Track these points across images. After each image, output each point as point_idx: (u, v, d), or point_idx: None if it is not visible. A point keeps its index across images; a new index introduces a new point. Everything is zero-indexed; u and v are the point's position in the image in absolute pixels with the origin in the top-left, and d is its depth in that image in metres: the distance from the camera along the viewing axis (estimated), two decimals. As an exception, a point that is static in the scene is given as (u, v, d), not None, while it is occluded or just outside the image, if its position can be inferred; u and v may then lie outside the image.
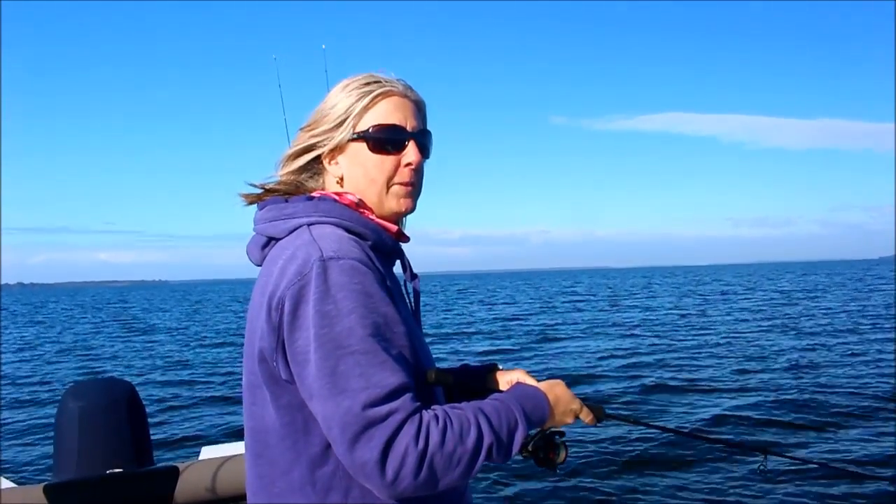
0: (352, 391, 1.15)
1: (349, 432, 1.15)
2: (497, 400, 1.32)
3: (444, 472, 1.18)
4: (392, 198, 1.42)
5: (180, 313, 43.43)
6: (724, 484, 6.37)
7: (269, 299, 1.26)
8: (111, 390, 2.78)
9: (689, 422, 8.78)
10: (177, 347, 21.30)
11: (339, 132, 1.39)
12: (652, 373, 12.68)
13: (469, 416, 1.23)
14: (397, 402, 1.17)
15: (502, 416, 1.28)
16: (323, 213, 1.34)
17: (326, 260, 1.22)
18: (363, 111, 1.39)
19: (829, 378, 11.37)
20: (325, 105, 1.42)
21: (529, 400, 1.36)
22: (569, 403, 1.43)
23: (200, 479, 2.86)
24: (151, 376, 14.96)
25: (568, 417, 1.44)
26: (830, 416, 8.78)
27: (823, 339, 16.63)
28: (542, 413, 1.37)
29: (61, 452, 2.68)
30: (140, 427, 2.78)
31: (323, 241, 1.27)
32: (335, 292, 1.20)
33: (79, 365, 17.87)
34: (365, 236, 1.34)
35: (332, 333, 1.18)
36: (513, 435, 1.28)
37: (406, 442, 1.14)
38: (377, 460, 1.13)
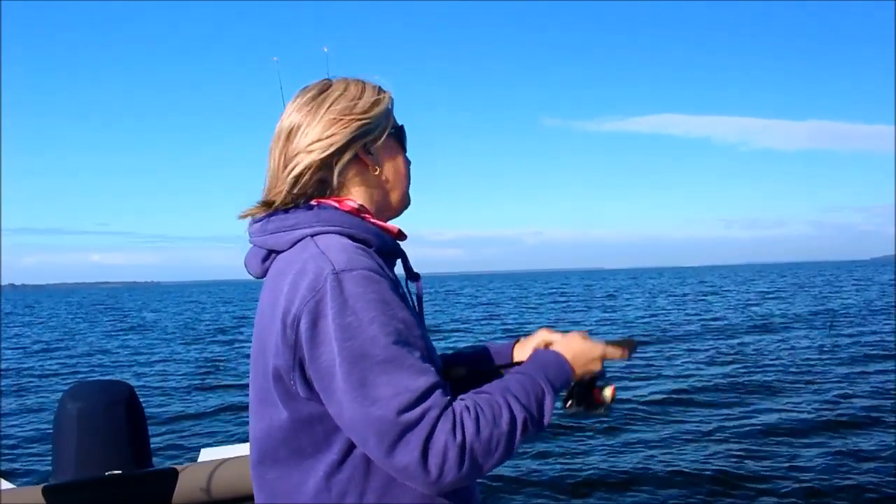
0: (384, 399, 1.16)
1: (386, 440, 1.16)
2: (520, 374, 1.34)
3: (485, 458, 1.20)
4: (407, 195, 1.49)
5: (176, 314, 43.34)
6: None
7: (282, 317, 1.24)
8: (110, 392, 2.77)
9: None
10: (175, 348, 21.25)
11: (382, 124, 1.40)
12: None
13: (498, 398, 1.25)
14: (429, 402, 1.18)
15: (529, 390, 1.30)
16: (325, 222, 1.32)
17: (339, 272, 1.21)
18: (391, 109, 1.44)
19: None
20: (352, 100, 1.38)
21: (549, 364, 1.38)
22: (589, 353, 1.45)
23: (199, 481, 2.85)
24: (150, 378, 14.92)
25: (594, 365, 1.46)
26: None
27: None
28: (564, 373, 1.39)
29: (60, 454, 2.67)
30: (139, 429, 2.78)
31: (331, 252, 1.25)
32: (353, 303, 1.19)
33: (78, 366, 17.81)
34: (369, 242, 1.33)
35: (356, 345, 1.18)
36: (542, 405, 1.30)
37: (444, 438, 1.16)
38: (418, 461, 1.15)
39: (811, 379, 11.50)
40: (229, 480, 2.89)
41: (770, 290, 43.50)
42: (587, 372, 1.46)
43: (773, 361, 13.65)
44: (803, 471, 6.64)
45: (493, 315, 32.25)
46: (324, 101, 1.37)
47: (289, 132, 1.37)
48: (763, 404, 9.74)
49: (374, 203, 1.42)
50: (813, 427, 8.26)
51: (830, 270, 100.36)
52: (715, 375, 12.23)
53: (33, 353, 21.54)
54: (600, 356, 1.46)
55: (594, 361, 1.46)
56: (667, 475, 6.69)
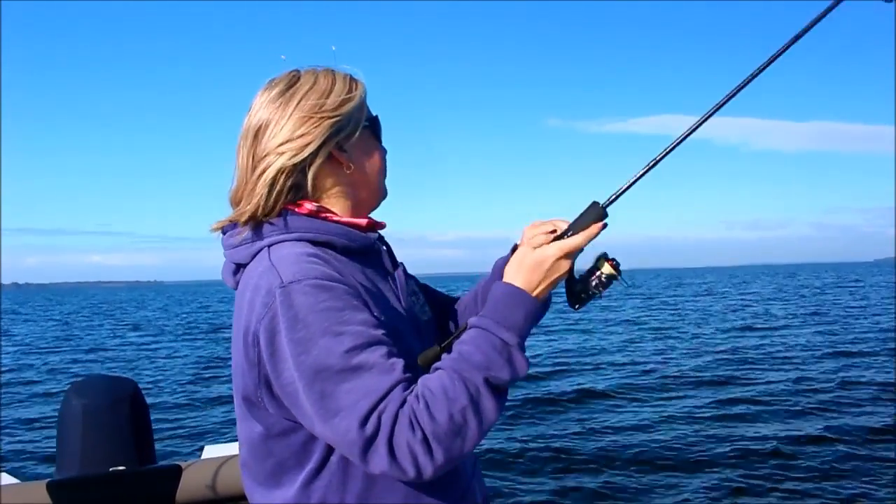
0: (345, 410, 1.13)
1: (356, 450, 1.14)
2: (473, 327, 1.24)
3: (456, 436, 1.14)
4: (382, 187, 1.44)
5: (179, 313, 43.36)
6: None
7: (244, 335, 1.24)
8: (115, 388, 2.78)
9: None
10: (179, 346, 21.24)
11: (358, 119, 1.34)
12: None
13: (447, 370, 1.18)
14: (385, 404, 1.14)
15: (483, 346, 1.20)
16: (282, 229, 1.29)
17: (287, 285, 1.19)
18: (364, 101, 1.37)
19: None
20: (322, 95, 1.32)
21: (501, 306, 1.25)
22: (543, 263, 1.28)
23: (202, 478, 2.86)
24: (154, 375, 14.92)
25: (558, 271, 1.29)
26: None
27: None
28: (524, 304, 1.26)
29: (64, 450, 2.68)
30: (143, 425, 2.79)
31: (281, 264, 1.22)
32: (304, 316, 1.16)
33: (82, 363, 17.82)
34: (332, 243, 1.30)
35: (311, 359, 1.15)
36: (506, 353, 1.20)
37: (405, 437, 1.12)
38: (391, 464, 1.13)
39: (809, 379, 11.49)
40: (232, 477, 2.90)
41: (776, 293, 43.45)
42: (556, 279, 1.29)
43: (774, 361, 13.64)
44: (799, 472, 6.64)
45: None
46: (292, 96, 1.31)
47: (256, 130, 1.31)
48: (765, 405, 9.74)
49: (349, 201, 1.38)
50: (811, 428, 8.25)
51: (833, 271, 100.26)
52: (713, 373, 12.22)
53: (37, 350, 21.56)
54: (560, 255, 1.28)
55: (557, 264, 1.29)
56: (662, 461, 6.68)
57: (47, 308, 60.11)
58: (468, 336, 1.23)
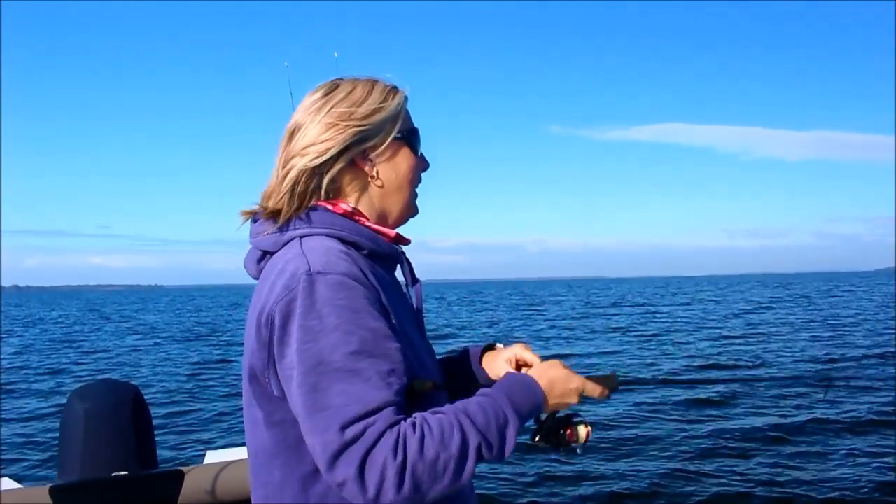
0: (332, 409, 1.13)
1: (328, 451, 1.13)
2: (483, 395, 1.26)
3: (430, 480, 1.13)
4: (412, 202, 1.44)
5: (180, 316, 43.37)
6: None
7: (258, 315, 1.25)
8: (117, 393, 2.78)
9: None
10: (180, 350, 21.22)
11: (388, 130, 1.36)
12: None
13: (451, 418, 1.18)
14: (375, 417, 1.13)
15: (489, 413, 1.21)
16: (316, 223, 1.32)
17: (313, 274, 1.20)
18: (400, 112, 1.39)
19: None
20: (354, 103, 1.35)
21: (519, 389, 1.29)
22: (566, 383, 1.35)
23: (204, 483, 2.86)
24: (156, 379, 14.90)
25: (569, 398, 1.36)
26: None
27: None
28: (535, 400, 1.30)
29: (66, 454, 2.68)
30: (145, 430, 2.79)
31: (311, 254, 1.25)
32: (320, 307, 1.18)
33: (83, 367, 17.79)
34: (360, 245, 1.32)
35: (315, 349, 1.16)
36: (503, 431, 1.22)
37: (384, 455, 1.11)
38: (355, 477, 1.11)
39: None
40: (234, 482, 2.90)
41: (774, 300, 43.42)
42: (561, 404, 1.36)
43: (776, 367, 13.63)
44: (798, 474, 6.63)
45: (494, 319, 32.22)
46: (327, 102, 1.35)
47: (291, 132, 1.36)
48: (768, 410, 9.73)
49: (373, 209, 1.40)
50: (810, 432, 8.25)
51: (833, 280, 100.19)
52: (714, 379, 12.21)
53: (38, 353, 21.54)
54: (577, 389, 1.36)
55: (571, 394, 1.36)
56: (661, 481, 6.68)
57: (47, 311, 60.07)
58: (478, 398, 1.25)
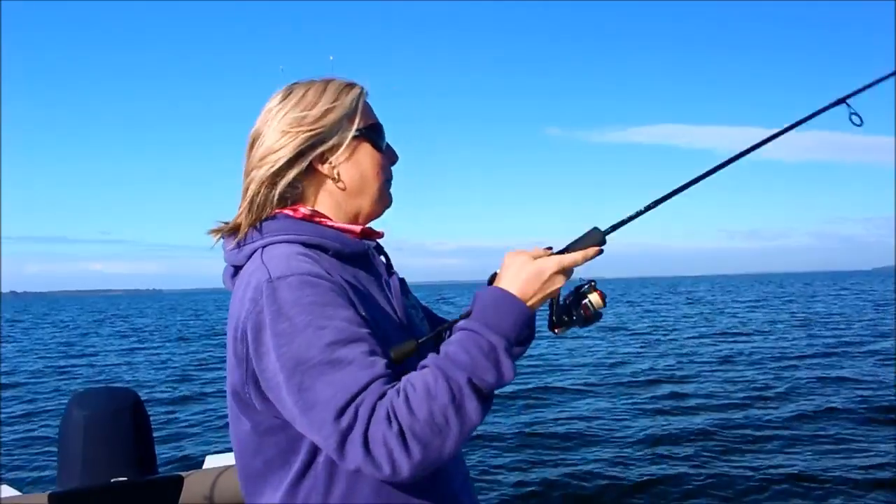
0: (322, 403, 1.14)
1: (331, 445, 1.14)
2: (460, 329, 1.22)
3: (435, 435, 1.12)
4: (385, 195, 1.44)
5: (180, 322, 43.33)
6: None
7: (233, 331, 1.27)
8: (116, 399, 2.78)
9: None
10: (180, 356, 21.24)
11: (344, 129, 1.36)
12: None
13: (433, 368, 1.17)
14: (363, 396, 1.14)
15: (470, 347, 1.18)
16: (276, 232, 1.32)
17: (274, 280, 1.21)
18: (356, 109, 1.37)
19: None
20: (306, 107, 1.34)
21: (491, 308, 1.22)
22: (540, 275, 1.26)
23: (204, 489, 2.86)
24: (156, 385, 14.91)
25: (552, 285, 1.28)
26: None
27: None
28: (513, 309, 1.23)
29: (66, 461, 2.68)
30: (144, 436, 2.79)
31: (271, 262, 1.26)
32: (287, 310, 1.19)
33: (82, 373, 17.79)
34: (324, 246, 1.33)
35: (292, 351, 1.17)
36: (493, 356, 1.17)
37: (381, 430, 1.11)
38: (365, 458, 1.12)
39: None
40: (234, 488, 2.90)
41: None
42: (547, 295, 1.28)
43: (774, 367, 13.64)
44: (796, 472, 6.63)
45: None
46: (280, 109, 1.36)
47: (251, 143, 1.37)
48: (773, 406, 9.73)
49: (340, 210, 1.40)
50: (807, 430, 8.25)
51: (831, 280, 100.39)
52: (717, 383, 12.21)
53: (37, 359, 21.52)
54: (558, 270, 1.27)
55: (553, 278, 1.27)
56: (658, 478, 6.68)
57: (47, 317, 60.02)
58: (455, 337, 1.21)
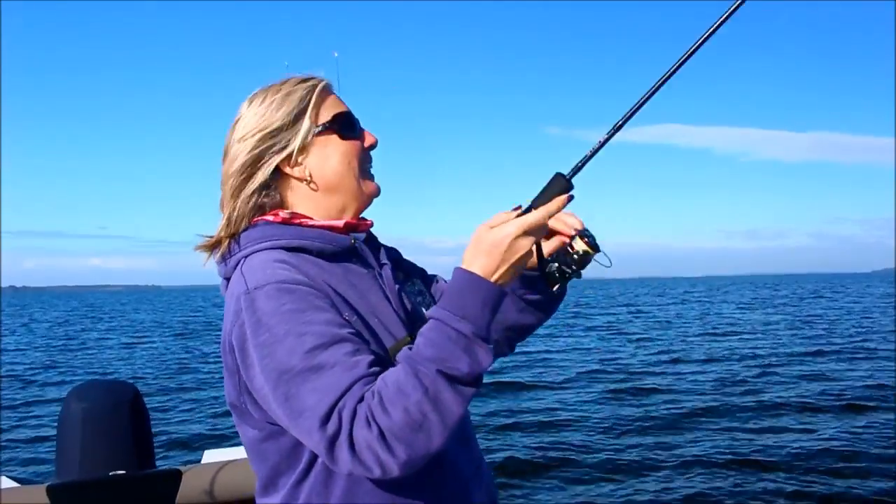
0: (308, 410, 1.14)
1: (322, 449, 1.14)
2: (428, 321, 1.18)
3: (414, 431, 1.10)
4: (367, 182, 1.40)
5: (179, 317, 43.34)
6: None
7: (223, 345, 1.28)
8: (115, 392, 2.78)
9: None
10: (179, 350, 21.24)
11: (302, 129, 1.33)
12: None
13: (403, 364, 1.14)
14: (344, 401, 1.12)
15: (436, 339, 1.14)
16: (256, 240, 1.31)
17: (251, 291, 1.21)
18: (318, 104, 1.35)
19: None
20: (260, 112, 1.33)
21: (455, 294, 1.17)
22: (501, 243, 1.17)
23: (203, 483, 2.87)
24: (155, 379, 14.91)
25: (520, 250, 1.18)
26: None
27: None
28: (480, 289, 1.16)
29: (64, 453, 2.68)
30: (143, 430, 2.79)
31: (249, 273, 1.25)
32: (266, 320, 1.18)
33: (80, 366, 17.80)
34: (306, 248, 1.31)
35: (275, 362, 1.16)
36: (464, 344, 1.13)
37: (363, 434, 1.11)
38: (353, 461, 1.12)
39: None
40: (232, 482, 2.90)
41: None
42: (518, 262, 1.18)
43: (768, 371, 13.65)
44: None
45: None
46: (242, 119, 1.35)
47: (224, 156, 1.37)
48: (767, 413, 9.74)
49: (321, 208, 1.37)
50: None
51: (830, 282, 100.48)
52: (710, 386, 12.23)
53: (35, 353, 21.53)
54: (519, 233, 1.18)
55: (516, 243, 1.17)
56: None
57: (45, 312, 60.01)
58: (425, 328, 1.18)
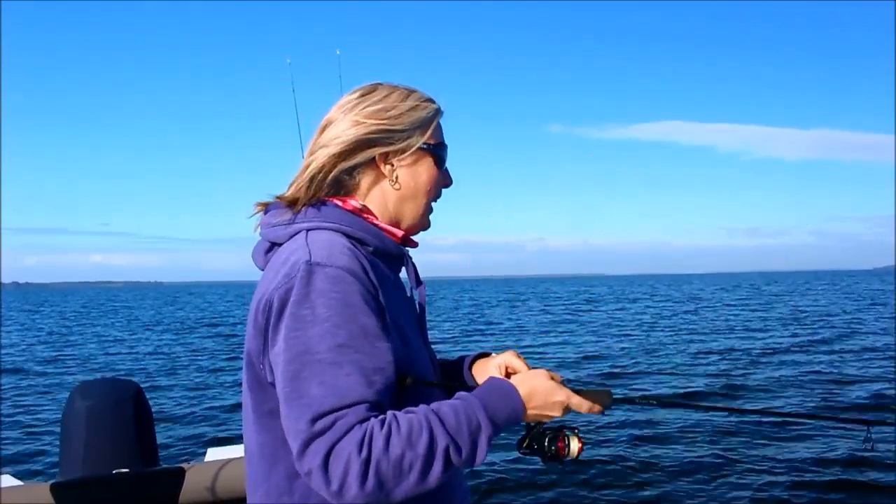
0: (308, 398, 1.14)
1: (298, 440, 1.14)
2: (459, 398, 1.24)
3: (395, 479, 1.13)
4: (426, 213, 1.46)
5: (181, 314, 43.36)
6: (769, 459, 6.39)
7: (258, 302, 1.28)
8: (118, 390, 2.79)
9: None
10: (181, 348, 21.23)
11: (415, 137, 1.39)
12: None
13: (421, 418, 1.17)
14: (347, 411, 1.14)
15: (461, 417, 1.20)
16: (323, 218, 1.33)
17: (312, 264, 1.22)
18: (430, 123, 1.41)
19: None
20: (386, 107, 1.38)
21: (496, 396, 1.26)
22: (549, 395, 1.30)
23: (205, 480, 2.86)
24: (158, 377, 14.90)
25: (552, 411, 1.31)
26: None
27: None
28: (512, 408, 1.27)
29: (68, 451, 2.69)
30: (146, 427, 2.80)
31: (314, 245, 1.27)
32: (314, 298, 1.19)
33: (83, 364, 17.79)
34: (366, 241, 1.34)
35: (303, 338, 1.18)
36: (475, 437, 1.20)
37: (349, 450, 1.11)
38: (320, 468, 1.11)
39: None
40: (236, 480, 2.90)
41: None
42: (542, 416, 1.32)
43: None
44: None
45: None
46: (360, 102, 1.38)
47: (323, 126, 1.40)
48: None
49: (386, 212, 1.41)
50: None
51: (830, 279, 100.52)
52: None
53: (39, 350, 21.54)
54: (563, 403, 1.31)
55: (553, 406, 1.31)
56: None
57: (48, 308, 60.07)
58: (452, 401, 1.23)
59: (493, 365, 1.51)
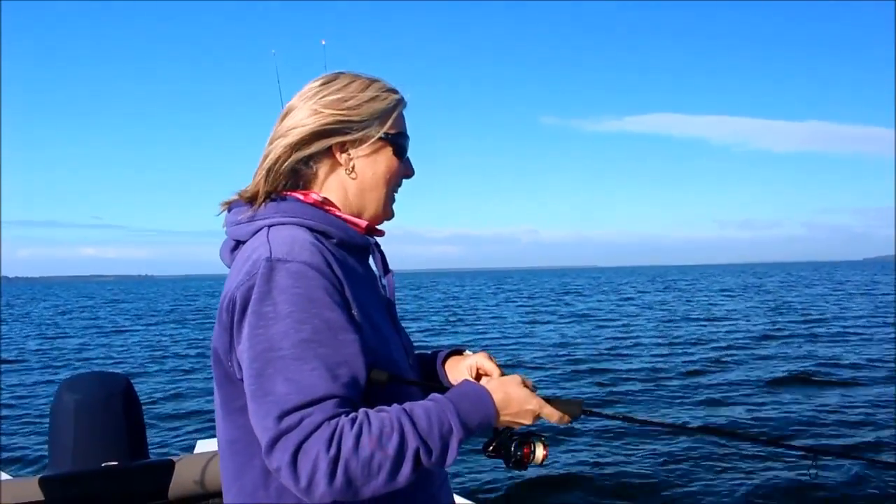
0: (274, 395, 1.14)
1: (266, 437, 1.14)
2: (433, 400, 1.25)
3: (363, 478, 1.14)
4: (388, 204, 1.45)
5: (170, 307, 43.27)
6: (727, 481, 6.43)
7: (223, 300, 1.27)
8: (107, 384, 2.78)
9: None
10: (170, 340, 21.23)
11: (373, 128, 1.37)
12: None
13: (393, 418, 1.18)
14: (314, 408, 1.14)
15: (433, 419, 1.21)
16: (285, 213, 1.33)
17: (273, 261, 1.22)
18: (390, 114, 1.40)
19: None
20: (345, 96, 1.36)
21: (470, 400, 1.27)
22: (523, 403, 1.32)
23: (195, 473, 2.86)
24: (147, 370, 14.91)
25: (523, 418, 1.33)
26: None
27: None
28: (486, 414, 1.28)
29: (56, 445, 2.68)
30: (135, 420, 2.79)
31: (275, 242, 1.26)
32: (276, 294, 1.19)
33: (73, 358, 17.76)
34: (330, 234, 1.33)
35: (266, 335, 1.17)
36: (446, 439, 1.21)
37: (317, 447, 1.11)
38: (289, 465, 1.12)
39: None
40: (225, 473, 2.90)
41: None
42: (513, 423, 1.34)
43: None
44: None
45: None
46: (321, 91, 1.37)
47: (284, 114, 1.39)
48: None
49: (346, 203, 1.41)
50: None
51: (821, 270, 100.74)
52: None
53: (28, 344, 21.47)
54: (533, 412, 1.34)
55: (525, 414, 1.33)
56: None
57: (39, 302, 59.77)
58: (425, 403, 1.24)
59: (465, 366, 1.52)
